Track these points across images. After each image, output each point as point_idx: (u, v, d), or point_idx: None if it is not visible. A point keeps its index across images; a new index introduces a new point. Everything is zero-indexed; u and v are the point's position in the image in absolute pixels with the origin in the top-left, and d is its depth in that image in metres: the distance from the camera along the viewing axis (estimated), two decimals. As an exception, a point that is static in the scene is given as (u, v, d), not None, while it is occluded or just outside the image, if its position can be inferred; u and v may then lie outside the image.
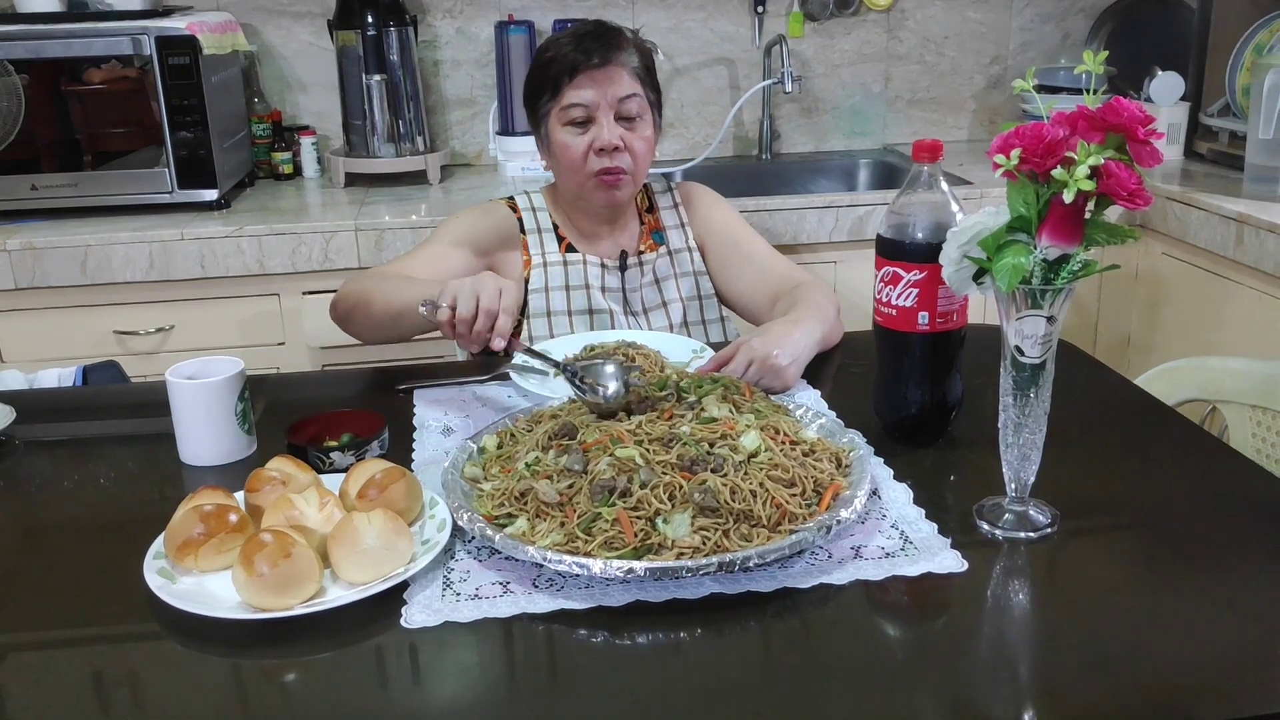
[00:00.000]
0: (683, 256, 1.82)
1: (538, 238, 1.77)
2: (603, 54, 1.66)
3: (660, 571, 0.98)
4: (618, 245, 1.79)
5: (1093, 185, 0.94)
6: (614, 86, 1.67)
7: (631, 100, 1.68)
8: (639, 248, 1.80)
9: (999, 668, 0.93)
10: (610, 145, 1.67)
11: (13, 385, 1.68)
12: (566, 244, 1.78)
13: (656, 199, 1.86)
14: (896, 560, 1.04)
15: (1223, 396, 1.56)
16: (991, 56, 3.06)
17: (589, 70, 1.66)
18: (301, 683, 0.93)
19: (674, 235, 1.83)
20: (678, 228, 1.84)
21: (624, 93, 1.67)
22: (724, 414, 1.18)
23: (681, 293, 1.80)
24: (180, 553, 1.04)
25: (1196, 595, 1.00)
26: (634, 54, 1.70)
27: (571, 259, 1.76)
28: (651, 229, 1.83)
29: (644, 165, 1.73)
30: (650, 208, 1.85)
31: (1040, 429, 1.07)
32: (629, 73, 1.68)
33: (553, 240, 1.78)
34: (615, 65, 1.67)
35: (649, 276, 1.78)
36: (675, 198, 1.86)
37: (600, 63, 1.65)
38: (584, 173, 1.69)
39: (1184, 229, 2.33)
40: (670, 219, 1.84)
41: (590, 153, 1.68)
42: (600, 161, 1.68)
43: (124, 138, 2.43)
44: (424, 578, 1.03)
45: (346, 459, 1.25)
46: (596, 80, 1.66)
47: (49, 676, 0.93)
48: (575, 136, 1.68)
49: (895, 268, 1.22)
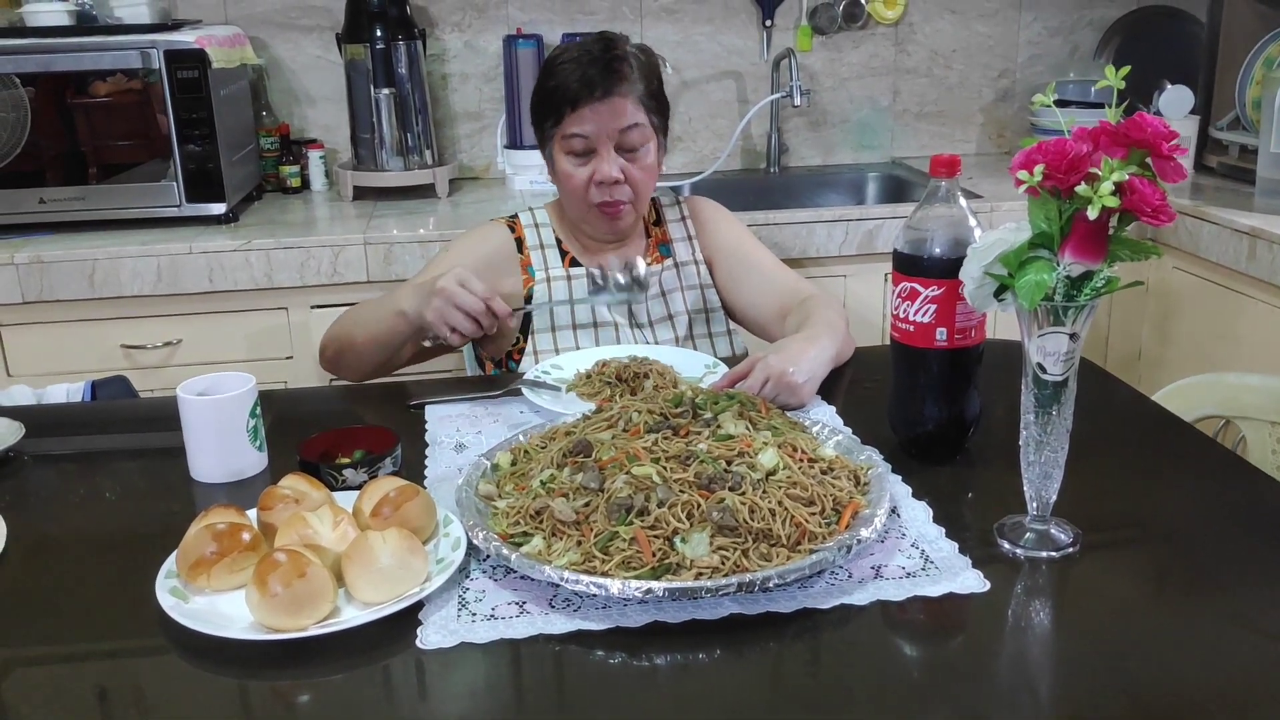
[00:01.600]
0: (689, 269, 1.81)
1: (540, 254, 1.77)
2: (605, 86, 1.65)
3: (679, 592, 0.97)
4: (623, 257, 1.78)
5: (1117, 202, 0.93)
6: (616, 119, 1.66)
7: (633, 131, 1.67)
8: (646, 261, 1.80)
9: (1020, 689, 0.91)
10: (610, 179, 1.67)
11: (21, 400, 1.68)
12: (570, 258, 1.78)
13: (664, 212, 1.86)
14: (918, 580, 1.03)
15: (1241, 412, 1.55)
16: (999, 70, 3.06)
17: (590, 103, 1.65)
18: (315, 704, 0.91)
19: (681, 248, 1.83)
20: (684, 240, 1.83)
21: (626, 124, 1.67)
22: (741, 431, 1.17)
23: (688, 305, 1.79)
24: (193, 572, 1.03)
25: (1219, 614, 0.98)
26: (638, 80, 1.68)
27: (575, 273, 1.75)
28: (658, 242, 1.82)
29: (646, 191, 1.74)
30: (658, 220, 1.85)
31: (1062, 447, 1.06)
32: (632, 102, 1.67)
33: (556, 255, 1.78)
34: (617, 96, 1.66)
35: (655, 289, 1.78)
36: (683, 211, 1.86)
37: (602, 95, 1.65)
38: (585, 202, 1.71)
39: (1196, 243, 2.32)
40: (677, 232, 1.84)
41: (591, 184, 1.68)
42: (600, 194, 1.69)
43: (131, 151, 2.43)
44: (439, 597, 1.02)
45: (359, 476, 1.24)
46: (598, 113, 1.65)
47: (57, 694, 0.92)
48: (577, 167, 1.69)
49: (913, 283, 1.21)
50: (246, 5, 2.74)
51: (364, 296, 2.27)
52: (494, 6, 2.82)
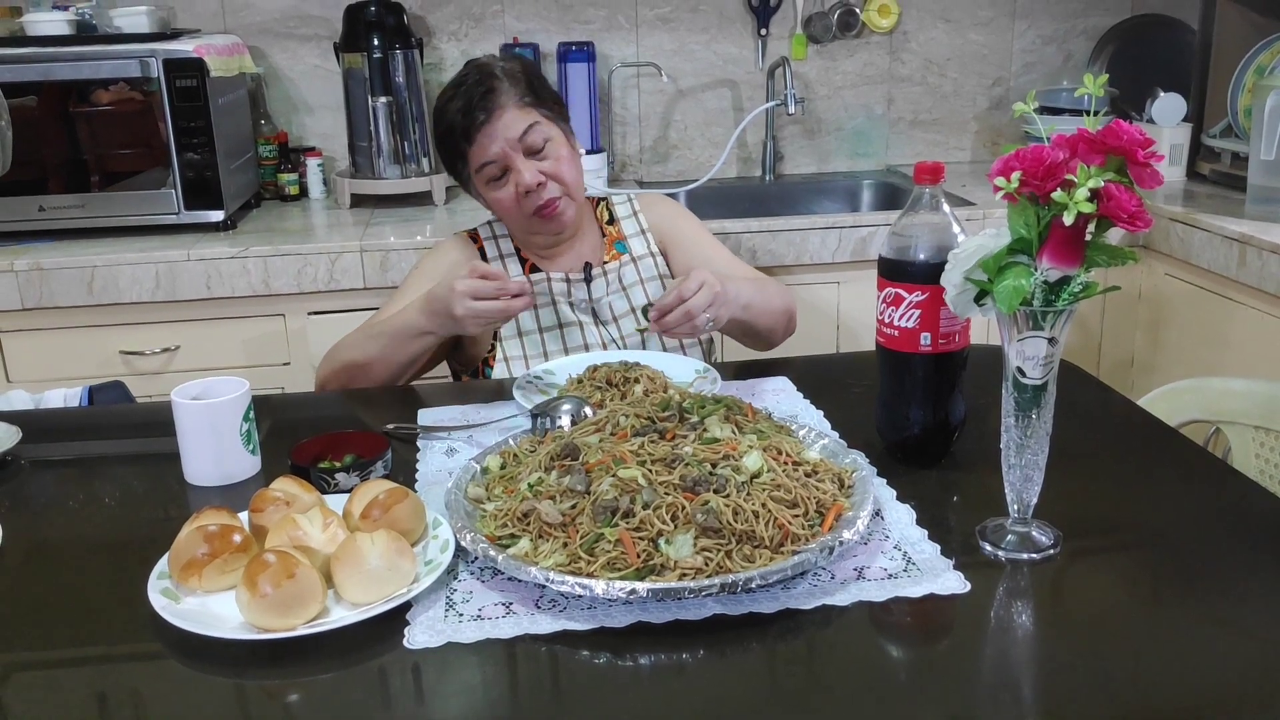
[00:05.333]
0: (646, 262, 1.86)
1: (501, 263, 1.82)
2: (485, 107, 1.70)
3: (663, 592, 0.98)
4: (580, 257, 1.84)
5: (1093, 208, 0.95)
6: (509, 130, 1.71)
7: (531, 133, 1.72)
8: (603, 259, 1.85)
9: (1001, 689, 0.92)
10: (532, 185, 1.71)
11: (19, 405, 1.69)
12: (530, 265, 1.83)
13: (617, 210, 1.91)
14: (899, 581, 1.04)
15: (1225, 417, 1.56)
16: (993, 78, 3.08)
17: (481, 128, 1.70)
18: (304, 703, 0.93)
19: (635, 243, 1.88)
20: (638, 235, 1.88)
21: (520, 130, 1.71)
22: (726, 434, 1.19)
23: (649, 296, 1.83)
24: (184, 573, 1.04)
25: (1199, 617, 1.00)
26: (511, 86, 1.72)
27: (535, 278, 1.80)
28: (614, 240, 1.87)
29: (573, 180, 1.77)
30: (611, 220, 1.90)
31: (1042, 450, 1.07)
32: (515, 109, 1.72)
33: (515, 264, 1.83)
34: (499, 110, 1.70)
35: (615, 284, 1.82)
36: (635, 207, 1.92)
37: (486, 118, 1.70)
38: (523, 215, 1.76)
39: (1187, 250, 2.34)
40: (631, 228, 1.89)
41: (519, 197, 1.73)
42: (532, 201, 1.73)
43: (131, 159, 2.44)
44: (427, 598, 1.03)
45: (350, 479, 1.26)
46: (492, 134, 1.70)
47: (52, 696, 0.94)
48: (501, 189, 1.74)
49: (897, 289, 1.23)
50: (245, 14, 2.76)
51: (361, 303, 2.29)
52: (491, 16, 2.84)
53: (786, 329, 1.81)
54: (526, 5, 2.84)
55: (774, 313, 1.75)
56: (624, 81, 2.93)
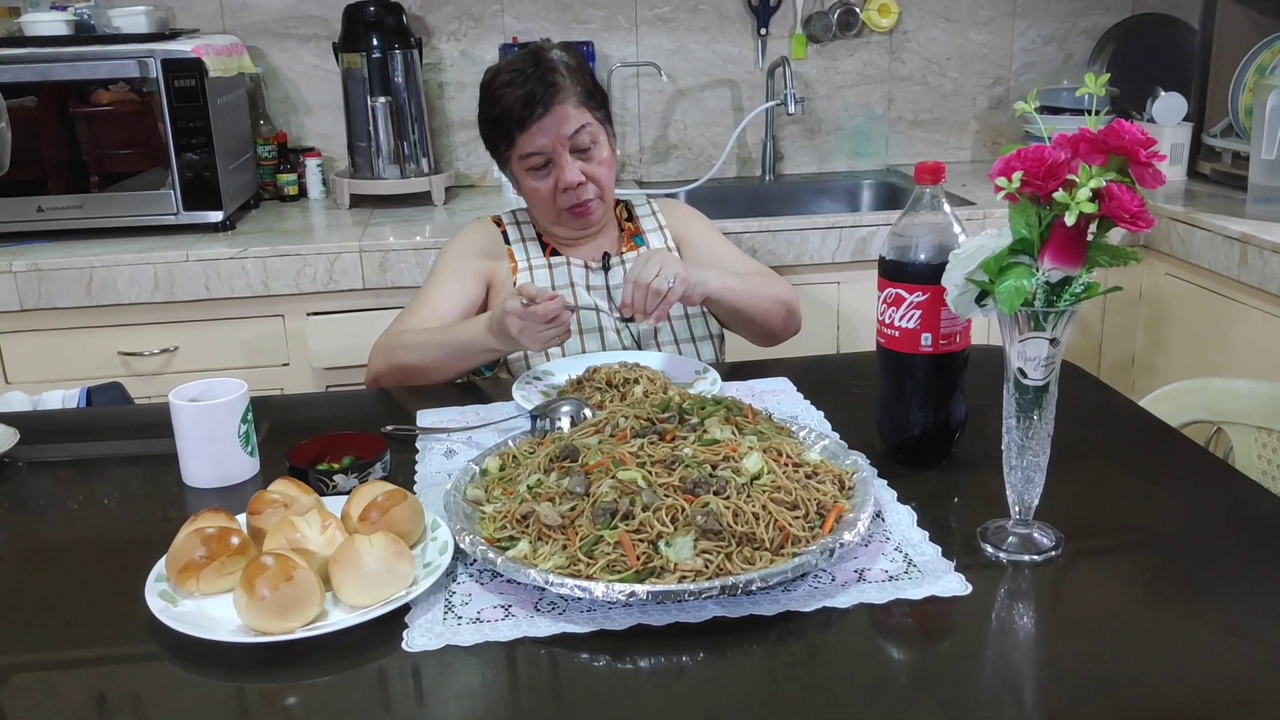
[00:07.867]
0: None
1: (522, 246, 1.85)
2: (545, 100, 1.71)
3: (662, 595, 0.97)
4: (599, 247, 1.86)
5: (1094, 208, 0.94)
6: (564, 127, 1.73)
7: (582, 133, 1.74)
8: (620, 249, 1.87)
9: (1002, 691, 0.92)
10: (573, 184, 1.75)
11: (17, 407, 1.68)
12: (551, 249, 1.85)
13: (636, 210, 1.94)
14: (900, 583, 1.04)
15: (1227, 418, 1.56)
16: (994, 78, 3.07)
17: (537, 120, 1.71)
18: (302, 706, 0.92)
19: (653, 238, 1.90)
20: (656, 231, 1.91)
21: (574, 128, 1.73)
22: (726, 436, 1.18)
23: None
24: (182, 575, 1.04)
25: (1201, 618, 0.99)
26: (573, 84, 1.74)
27: (555, 261, 1.83)
28: (632, 234, 1.90)
29: (609, 183, 1.81)
30: (630, 217, 1.93)
31: (1044, 451, 1.07)
32: (573, 107, 1.73)
33: (537, 247, 1.86)
34: (558, 105, 1.72)
35: None
36: (654, 208, 1.95)
37: (545, 110, 1.71)
38: (555, 209, 1.79)
39: (1188, 249, 2.33)
40: (649, 224, 1.92)
41: (556, 193, 1.76)
42: (567, 199, 1.76)
43: (130, 159, 2.44)
44: (425, 601, 1.03)
45: (349, 481, 1.25)
46: (546, 127, 1.72)
47: (50, 698, 0.93)
48: (540, 180, 1.77)
49: (898, 289, 1.22)
50: (244, 15, 2.76)
51: (360, 304, 2.29)
52: (490, 16, 2.83)
53: (786, 321, 1.81)
54: (526, 5, 2.83)
55: (764, 298, 1.76)
56: (624, 81, 2.93)
